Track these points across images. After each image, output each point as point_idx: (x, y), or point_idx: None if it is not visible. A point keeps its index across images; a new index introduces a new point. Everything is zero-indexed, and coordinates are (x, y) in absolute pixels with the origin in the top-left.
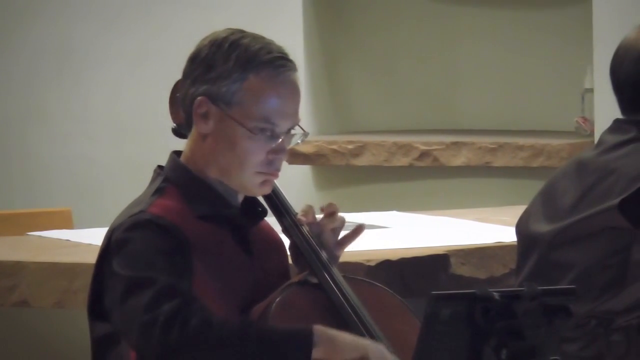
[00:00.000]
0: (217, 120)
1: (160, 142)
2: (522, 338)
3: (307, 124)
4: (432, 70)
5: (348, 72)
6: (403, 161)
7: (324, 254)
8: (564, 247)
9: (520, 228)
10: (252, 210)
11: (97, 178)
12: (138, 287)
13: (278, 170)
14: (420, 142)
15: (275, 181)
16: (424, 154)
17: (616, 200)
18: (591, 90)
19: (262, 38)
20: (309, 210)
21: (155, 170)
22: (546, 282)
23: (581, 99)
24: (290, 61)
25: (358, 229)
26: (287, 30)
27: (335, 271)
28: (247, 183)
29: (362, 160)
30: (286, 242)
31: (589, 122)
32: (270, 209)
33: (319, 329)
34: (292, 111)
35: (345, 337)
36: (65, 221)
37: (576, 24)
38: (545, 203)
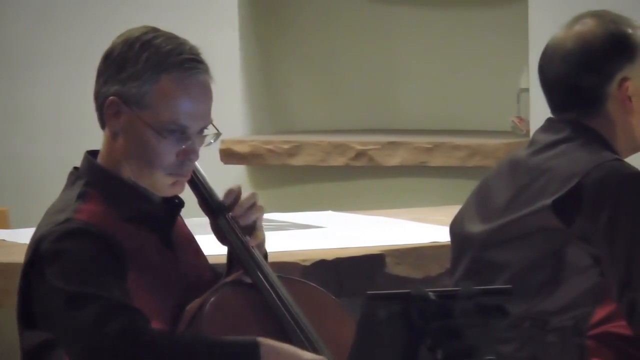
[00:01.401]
0: (127, 120)
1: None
2: (458, 338)
3: (242, 123)
4: (368, 70)
5: (284, 71)
6: (339, 161)
7: (256, 253)
8: (497, 248)
9: (454, 228)
10: (170, 202)
11: (38, 178)
12: (80, 303)
13: (189, 171)
14: (356, 142)
15: (208, 182)
16: (359, 154)
17: (549, 201)
18: (527, 90)
19: (175, 38)
20: (230, 193)
21: (71, 173)
22: (480, 283)
23: (517, 98)
24: (202, 62)
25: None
26: (223, 29)
27: (269, 271)
28: (158, 184)
29: (298, 160)
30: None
31: (524, 121)
32: (203, 208)
33: (265, 341)
34: (203, 113)
35: (288, 349)
36: (2, 221)
37: (512, 23)
38: (479, 203)
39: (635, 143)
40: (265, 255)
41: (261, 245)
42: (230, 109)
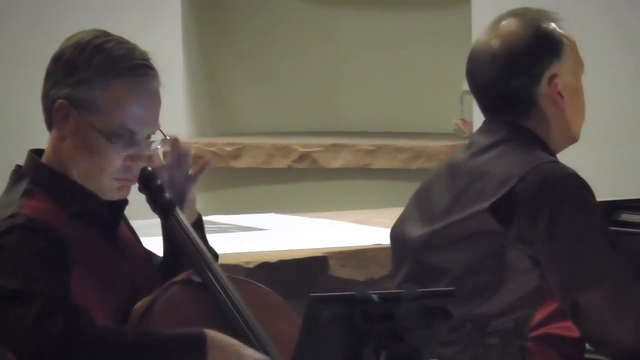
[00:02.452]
0: (76, 124)
1: (44, 144)
2: (402, 340)
3: (185, 125)
4: (311, 72)
5: (227, 74)
6: (282, 163)
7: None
8: (438, 251)
9: (395, 232)
10: (115, 200)
11: None
12: (22, 300)
13: (136, 176)
14: (299, 144)
15: (157, 182)
16: (303, 156)
17: (487, 204)
18: (470, 92)
19: (126, 43)
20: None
21: (14, 171)
22: (422, 286)
23: (460, 101)
24: (152, 68)
25: (205, 163)
26: (165, 32)
27: (219, 271)
28: (104, 188)
29: (241, 162)
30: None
31: (468, 124)
32: (153, 208)
33: (211, 333)
34: (152, 119)
35: (232, 344)
36: None
37: (455, 25)
38: (419, 206)
39: (571, 136)
40: (215, 255)
41: (190, 204)
42: (173, 110)
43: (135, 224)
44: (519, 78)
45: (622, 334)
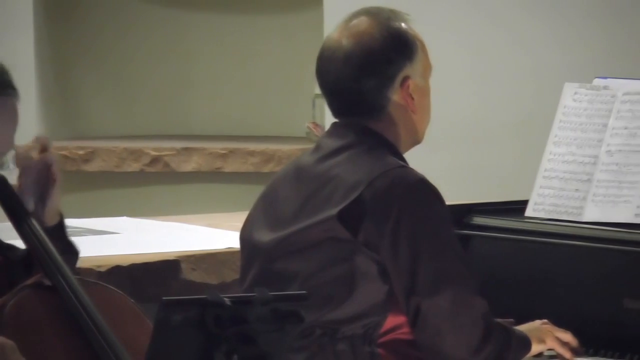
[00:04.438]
0: None
1: None
2: (253, 343)
3: (37, 129)
4: (163, 75)
5: (79, 77)
6: (134, 167)
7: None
8: (286, 257)
9: (244, 235)
10: None
11: None
12: None
13: None
14: (151, 147)
15: (10, 186)
16: (154, 160)
17: (335, 210)
18: (321, 96)
19: None
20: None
21: None
22: (271, 292)
23: (312, 104)
24: (14, 88)
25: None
26: (17, 34)
27: (69, 274)
28: None
29: (93, 166)
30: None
31: (320, 127)
32: (5, 212)
33: None
34: (9, 137)
35: None
36: None
37: (307, 28)
38: (266, 210)
39: (417, 138)
40: (76, 253)
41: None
42: (24, 114)
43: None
44: (373, 79)
45: (456, 345)
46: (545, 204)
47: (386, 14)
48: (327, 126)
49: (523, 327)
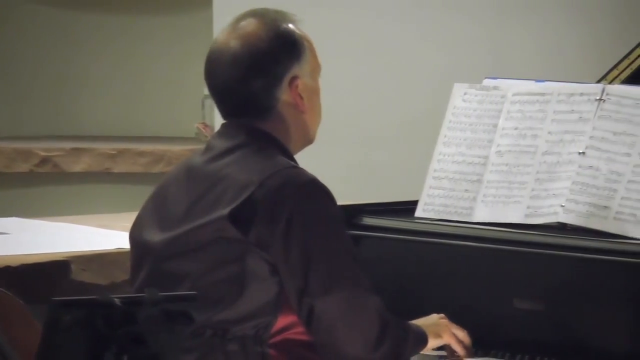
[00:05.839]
0: None
1: None
2: (143, 344)
3: None
4: (52, 76)
5: None
6: (23, 167)
7: None
8: (177, 257)
9: (134, 235)
10: None
11: None
12: None
13: None
14: (40, 148)
15: None
16: (44, 160)
17: (226, 210)
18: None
19: None
20: None
21: None
22: (161, 292)
23: (201, 104)
24: None
25: None
26: None
27: None
28: None
29: None
30: None
31: (209, 127)
32: None
33: None
34: None
35: None
36: None
37: (196, 29)
38: (157, 210)
39: (308, 138)
40: None
41: None
42: None
43: None
44: (261, 79)
45: (351, 345)
46: (435, 204)
47: (273, 15)
48: (217, 127)
49: (420, 321)
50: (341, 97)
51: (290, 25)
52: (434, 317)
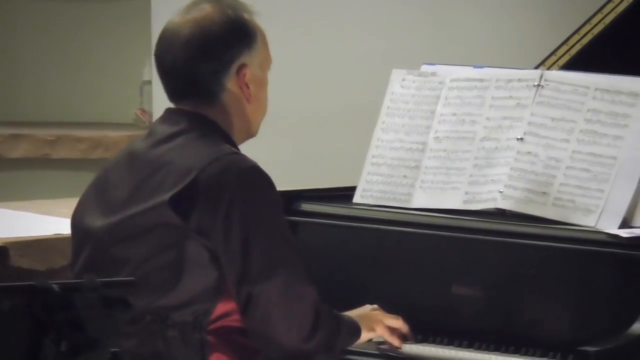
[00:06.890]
0: None
1: None
2: (82, 330)
3: None
4: None
5: None
6: None
7: None
8: (118, 243)
9: (75, 220)
10: None
11: None
12: None
13: None
14: None
15: None
16: None
17: (166, 196)
18: (149, 83)
19: None
20: None
21: None
22: (101, 277)
23: (140, 91)
24: None
25: None
26: None
27: None
28: None
29: None
30: None
31: (147, 114)
32: None
33: None
34: None
35: None
36: None
37: (135, 16)
38: (98, 196)
39: (250, 130)
40: None
41: None
42: None
43: None
44: (209, 63)
45: (285, 334)
46: (374, 190)
47: (228, 2)
48: (155, 113)
49: (353, 313)
50: (279, 83)
51: (245, 14)
52: (366, 309)
